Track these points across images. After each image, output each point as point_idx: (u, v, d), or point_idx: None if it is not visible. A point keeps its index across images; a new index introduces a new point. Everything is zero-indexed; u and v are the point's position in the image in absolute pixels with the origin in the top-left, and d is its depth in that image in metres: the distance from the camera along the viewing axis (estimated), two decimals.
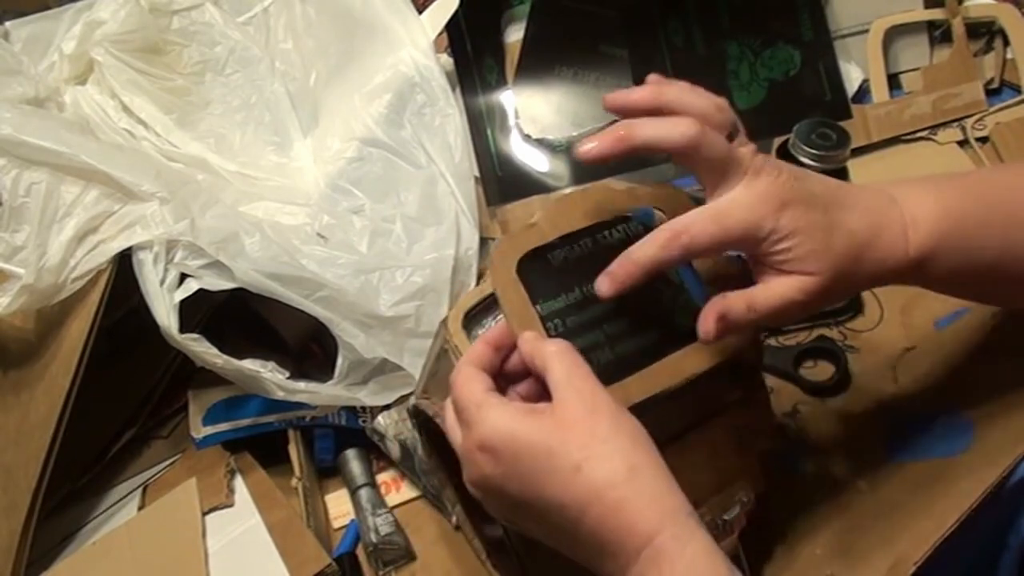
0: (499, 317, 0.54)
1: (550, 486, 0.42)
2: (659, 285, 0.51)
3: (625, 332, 0.50)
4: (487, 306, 0.54)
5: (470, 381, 0.45)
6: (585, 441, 0.42)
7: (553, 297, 0.49)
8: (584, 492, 0.41)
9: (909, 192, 0.51)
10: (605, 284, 0.47)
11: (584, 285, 0.50)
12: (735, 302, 0.47)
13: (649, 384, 0.49)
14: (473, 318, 0.54)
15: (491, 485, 0.44)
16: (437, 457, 0.61)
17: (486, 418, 0.44)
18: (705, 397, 0.52)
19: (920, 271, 0.51)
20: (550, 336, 0.48)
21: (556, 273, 0.50)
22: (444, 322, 0.54)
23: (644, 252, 0.46)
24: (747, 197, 0.46)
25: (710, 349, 0.50)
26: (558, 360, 0.45)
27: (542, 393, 0.46)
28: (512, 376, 0.48)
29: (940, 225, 0.50)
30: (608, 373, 0.48)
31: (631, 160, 0.50)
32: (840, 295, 0.51)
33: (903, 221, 0.50)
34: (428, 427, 0.59)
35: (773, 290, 0.48)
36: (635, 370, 0.49)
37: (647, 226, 0.52)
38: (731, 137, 0.48)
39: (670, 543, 0.40)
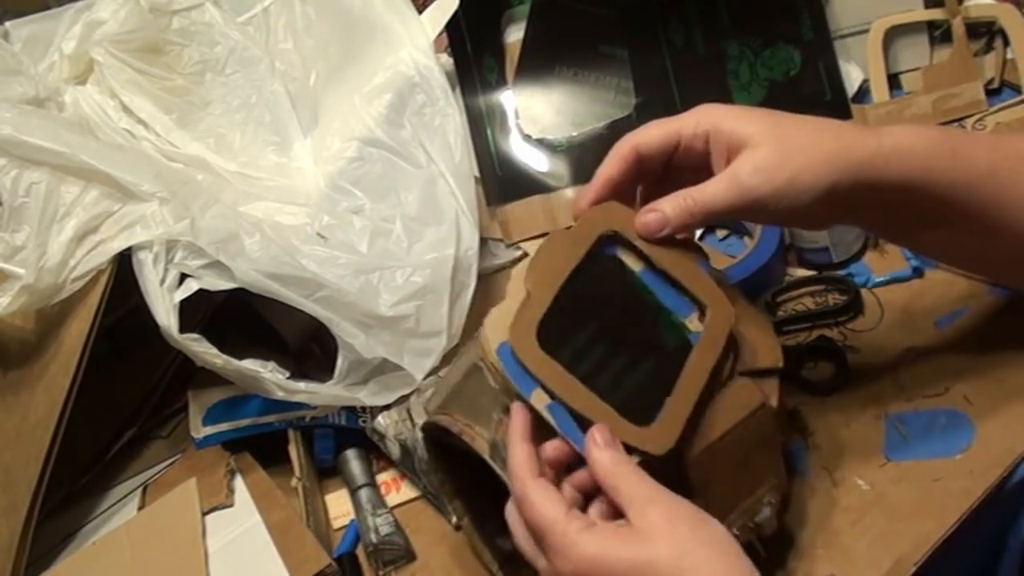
0: None
1: None
2: (640, 314, 0.52)
3: (627, 366, 0.50)
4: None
5: (546, 502, 0.45)
6: (672, 553, 0.43)
7: (574, 336, 0.50)
8: None
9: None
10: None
11: (592, 322, 0.51)
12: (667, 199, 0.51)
13: (683, 401, 0.49)
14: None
15: None
16: (444, 471, 0.61)
17: (575, 544, 0.44)
18: (734, 404, 0.52)
19: (898, 167, 0.49)
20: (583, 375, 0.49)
21: (561, 316, 0.50)
22: (478, 337, 0.52)
23: (605, 170, 0.53)
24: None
25: (709, 340, 0.51)
26: (623, 477, 0.45)
27: (613, 511, 0.46)
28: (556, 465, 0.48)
29: (923, 132, 0.50)
30: (633, 403, 0.48)
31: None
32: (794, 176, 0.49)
33: (872, 128, 0.50)
34: (439, 441, 0.59)
35: (714, 183, 0.50)
36: (656, 398, 0.49)
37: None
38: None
39: None
